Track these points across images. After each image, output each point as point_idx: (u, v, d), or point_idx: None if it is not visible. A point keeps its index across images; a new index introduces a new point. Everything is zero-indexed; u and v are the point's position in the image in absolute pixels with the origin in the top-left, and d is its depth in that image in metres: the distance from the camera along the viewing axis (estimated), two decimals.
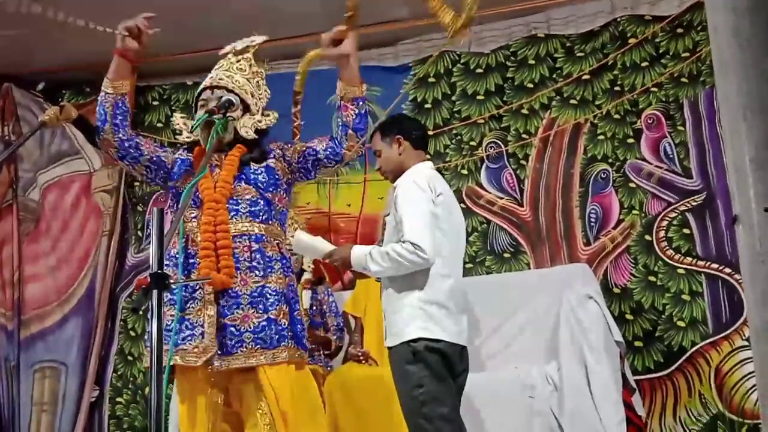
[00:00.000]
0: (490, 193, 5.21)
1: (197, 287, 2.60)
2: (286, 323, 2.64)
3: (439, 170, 5.19)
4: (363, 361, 4.37)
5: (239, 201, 2.69)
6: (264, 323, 2.59)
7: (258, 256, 2.66)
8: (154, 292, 1.97)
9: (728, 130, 1.24)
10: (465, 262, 5.07)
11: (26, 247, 5.67)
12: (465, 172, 5.25)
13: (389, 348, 3.09)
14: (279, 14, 5.02)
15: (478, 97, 5.34)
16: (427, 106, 5.41)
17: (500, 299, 4.66)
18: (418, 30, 5.41)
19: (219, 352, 2.56)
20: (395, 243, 3.01)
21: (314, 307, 4.72)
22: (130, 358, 5.49)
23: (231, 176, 2.71)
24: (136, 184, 5.79)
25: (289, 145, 2.88)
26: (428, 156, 3.56)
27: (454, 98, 5.38)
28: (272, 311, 2.62)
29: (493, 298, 4.65)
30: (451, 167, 5.27)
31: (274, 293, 2.64)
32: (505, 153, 5.22)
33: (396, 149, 3.34)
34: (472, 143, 5.28)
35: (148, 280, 1.98)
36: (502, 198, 5.18)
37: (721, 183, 4.66)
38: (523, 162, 5.18)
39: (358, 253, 3.11)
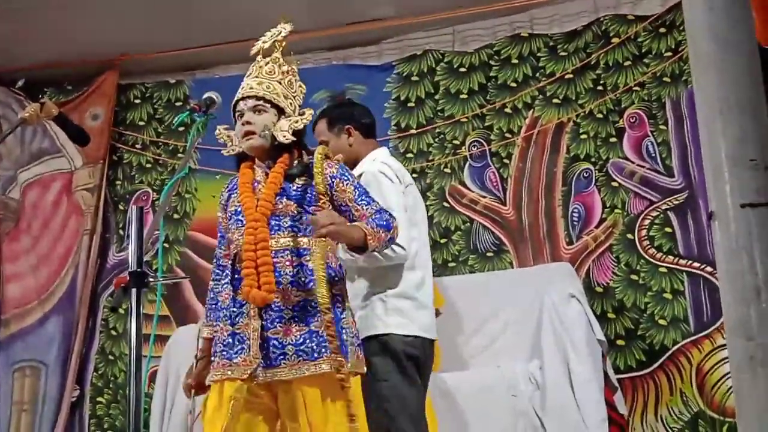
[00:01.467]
0: (473, 192, 5.21)
1: (244, 303, 2.66)
2: (326, 335, 2.63)
3: (422, 169, 5.23)
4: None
5: (281, 216, 2.72)
6: (306, 335, 2.62)
7: (300, 270, 2.68)
8: (133, 291, 1.97)
9: (704, 126, 1.25)
10: (447, 261, 5.12)
11: (6, 245, 5.63)
12: (448, 170, 5.25)
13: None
14: (261, 14, 4.99)
15: (462, 96, 5.34)
16: (411, 104, 5.41)
17: (483, 298, 4.66)
18: (401, 29, 5.42)
19: (263, 364, 2.61)
20: None
21: None
22: (111, 357, 5.46)
23: (273, 194, 2.72)
24: (118, 182, 5.76)
25: (342, 184, 2.79)
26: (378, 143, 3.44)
27: (437, 97, 5.38)
28: (313, 323, 2.63)
29: (476, 296, 4.65)
30: (434, 166, 5.27)
31: (316, 306, 2.64)
32: (488, 152, 5.22)
33: (346, 139, 3.25)
34: (455, 142, 5.29)
35: (128, 278, 1.98)
36: (485, 197, 5.19)
37: (703, 182, 4.66)
38: (506, 161, 5.19)
39: None
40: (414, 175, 5.23)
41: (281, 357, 2.60)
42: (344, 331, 2.69)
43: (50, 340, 5.43)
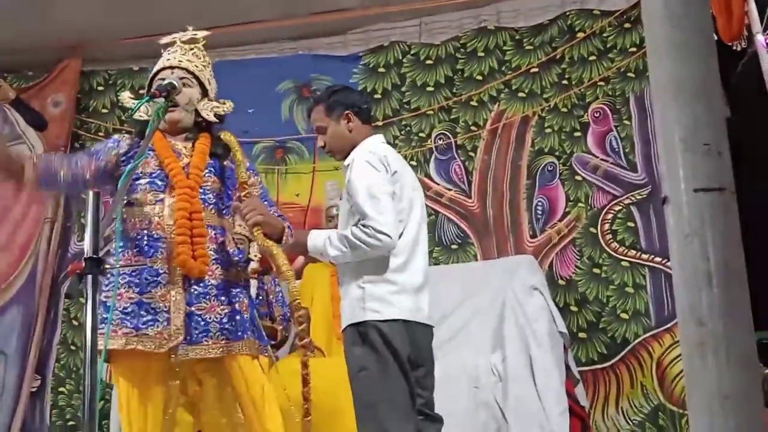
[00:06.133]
0: (438, 184, 5.22)
1: (161, 271, 2.58)
2: (248, 316, 2.68)
3: None
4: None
5: (207, 191, 2.70)
6: (230, 314, 2.62)
7: (222, 248, 2.69)
8: (89, 278, 1.94)
9: (659, 110, 1.25)
10: None
11: None
12: (414, 163, 5.24)
13: (342, 332, 3.04)
14: (228, 2, 4.97)
15: (428, 89, 5.35)
16: (377, 96, 5.40)
17: (447, 290, 4.65)
18: (368, 19, 5.41)
19: (184, 340, 2.55)
20: (354, 226, 2.87)
21: (261, 297, 4.68)
22: (72, 347, 5.40)
23: (204, 165, 2.70)
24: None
25: (253, 178, 2.86)
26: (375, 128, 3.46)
27: (403, 89, 5.38)
28: (236, 303, 2.64)
29: (440, 288, 4.61)
30: None
31: (236, 286, 2.68)
32: (453, 144, 5.24)
33: (345, 125, 3.12)
34: (421, 134, 5.29)
35: (83, 265, 1.95)
36: (450, 189, 5.20)
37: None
38: (471, 154, 5.21)
39: (316, 237, 2.95)
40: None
41: (204, 334, 2.57)
42: (255, 315, 2.74)
43: (10, 330, 5.36)
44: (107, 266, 2.00)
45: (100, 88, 5.77)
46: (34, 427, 5.28)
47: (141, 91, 5.55)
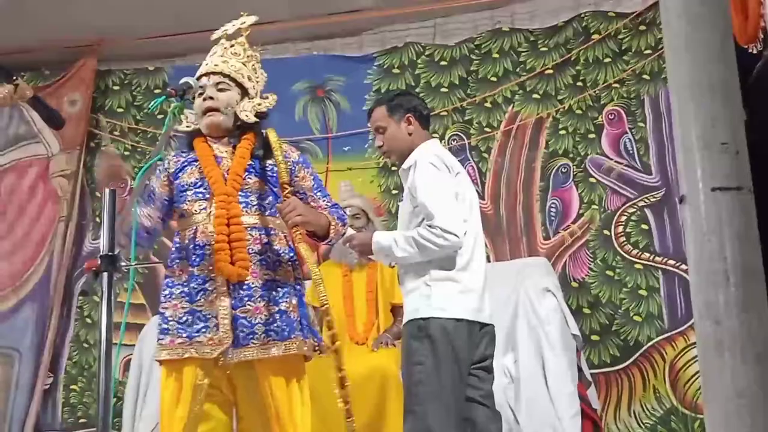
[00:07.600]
0: None
1: (208, 279, 2.62)
2: (296, 315, 2.68)
3: None
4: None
5: (249, 194, 2.72)
6: (276, 315, 2.63)
7: (268, 249, 2.69)
8: (105, 275, 1.95)
9: (677, 109, 1.25)
10: None
11: None
12: None
13: (403, 327, 3.07)
14: (243, 1, 4.97)
15: (442, 90, 5.34)
16: None
17: None
18: (382, 20, 5.42)
19: (231, 344, 2.59)
20: (420, 227, 2.93)
21: None
22: (85, 345, 5.42)
23: (242, 169, 2.72)
24: (95, 169, 5.72)
25: (303, 171, 2.85)
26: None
27: (417, 90, 5.36)
28: (282, 303, 2.65)
29: None
30: None
31: (284, 285, 2.68)
32: (467, 146, 5.23)
33: (405, 128, 3.20)
34: (434, 135, 5.26)
35: (99, 262, 1.96)
36: None
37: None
38: (485, 155, 5.20)
39: (381, 239, 3.02)
40: (393, 168, 5.25)
41: (250, 336, 2.60)
42: (305, 313, 2.73)
43: (24, 327, 5.38)
44: (122, 264, 2.00)
45: (115, 87, 5.78)
46: (47, 424, 5.31)
47: (156, 91, 5.64)
